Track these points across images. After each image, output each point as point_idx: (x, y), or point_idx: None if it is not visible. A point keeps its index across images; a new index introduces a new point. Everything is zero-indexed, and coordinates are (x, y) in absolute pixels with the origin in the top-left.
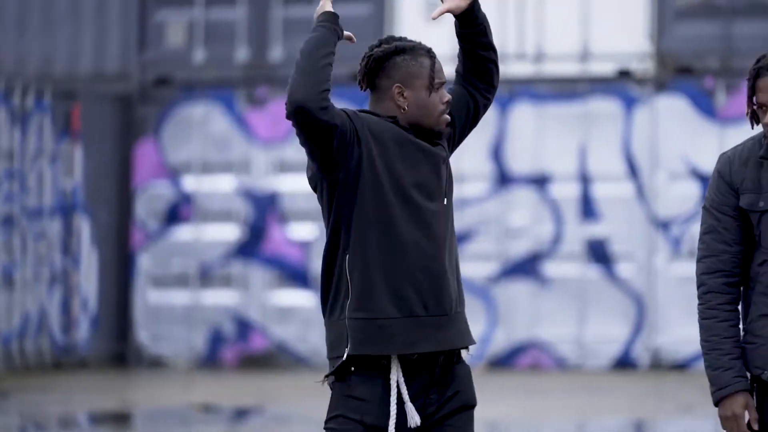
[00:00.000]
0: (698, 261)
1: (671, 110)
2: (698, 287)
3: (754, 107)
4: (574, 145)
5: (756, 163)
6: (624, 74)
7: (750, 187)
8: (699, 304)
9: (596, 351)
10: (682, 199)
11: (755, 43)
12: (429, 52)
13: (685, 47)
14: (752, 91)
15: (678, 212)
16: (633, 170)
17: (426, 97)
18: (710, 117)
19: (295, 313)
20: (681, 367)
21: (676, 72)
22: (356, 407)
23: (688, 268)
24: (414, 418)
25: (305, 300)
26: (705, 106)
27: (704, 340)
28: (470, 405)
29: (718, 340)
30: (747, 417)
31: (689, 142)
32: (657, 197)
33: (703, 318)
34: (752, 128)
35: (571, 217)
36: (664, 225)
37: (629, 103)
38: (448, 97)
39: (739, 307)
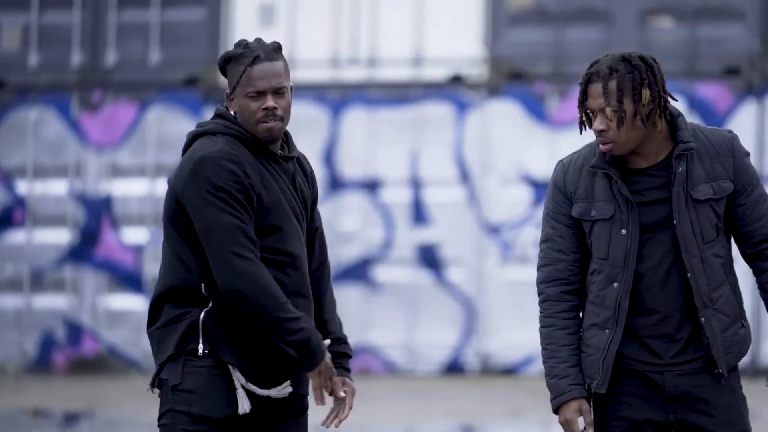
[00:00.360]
0: (537, 269)
1: (503, 115)
2: (538, 296)
3: (587, 112)
4: (406, 150)
5: (589, 171)
6: (456, 79)
7: (583, 196)
8: (539, 313)
9: (426, 356)
10: (513, 204)
11: (586, 48)
12: (254, 60)
13: (517, 52)
14: (584, 96)
15: (509, 217)
16: (464, 175)
17: (244, 105)
18: (542, 122)
19: (127, 317)
20: (510, 371)
21: (509, 77)
22: (183, 399)
23: (519, 273)
24: (243, 406)
25: (137, 304)
26: (537, 111)
27: (543, 349)
28: (305, 409)
29: (555, 348)
30: (582, 424)
31: (521, 147)
32: (488, 202)
33: (542, 326)
34: (580, 133)
35: (402, 222)
36: (494, 230)
37: (461, 108)
38: (270, 104)
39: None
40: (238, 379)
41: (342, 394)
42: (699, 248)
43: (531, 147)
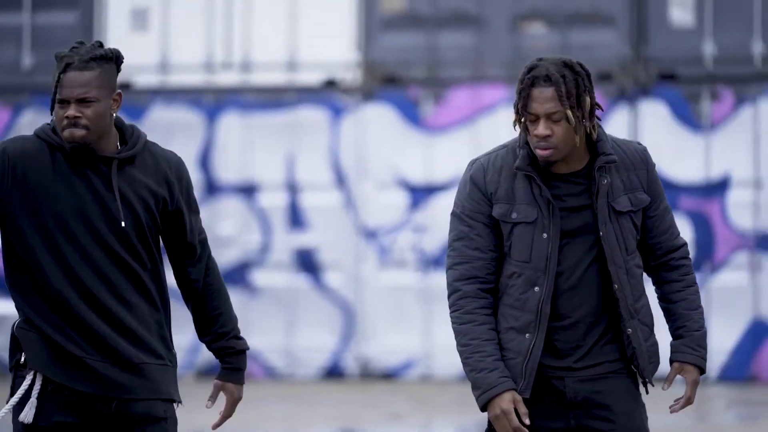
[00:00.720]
0: (450, 268)
1: (378, 120)
2: (451, 294)
3: (527, 115)
4: (282, 154)
5: (510, 173)
6: (331, 84)
7: (503, 197)
8: (454, 311)
9: (306, 360)
10: (389, 208)
11: (460, 53)
12: (66, 67)
13: (391, 57)
14: (525, 101)
15: (385, 221)
16: (341, 179)
17: (55, 110)
18: (417, 126)
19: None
20: (390, 376)
21: (383, 82)
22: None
23: (396, 278)
24: (27, 416)
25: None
26: (411, 115)
27: (463, 345)
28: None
29: (478, 342)
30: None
31: (396, 152)
32: (365, 206)
33: (460, 323)
34: (516, 131)
35: (280, 227)
36: (371, 234)
37: (337, 112)
38: (71, 113)
39: None
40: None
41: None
42: (624, 259)
43: (406, 151)
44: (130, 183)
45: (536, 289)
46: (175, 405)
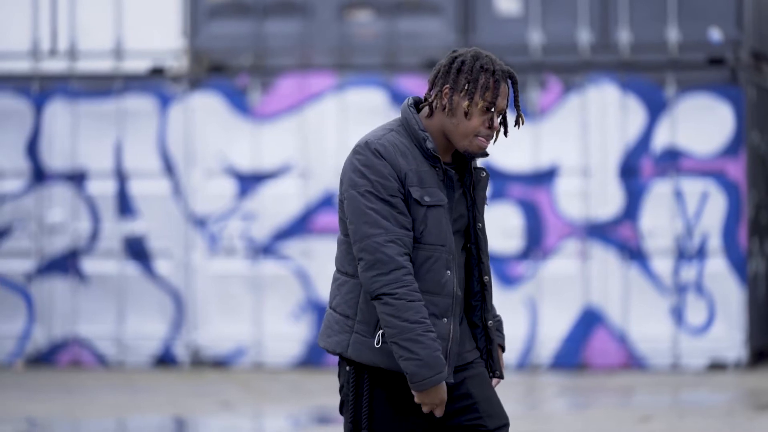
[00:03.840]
0: (382, 245)
1: (206, 108)
2: (393, 269)
3: (493, 108)
4: (110, 142)
5: (412, 156)
6: (158, 71)
7: (414, 181)
8: (400, 287)
9: (136, 348)
10: (217, 196)
11: (286, 41)
12: None
13: (218, 45)
14: (495, 93)
15: (214, 209)
16: (169, 167)
17: None
18: (244, 114)
19: None
20: (220, 364)
21: (210, 70)
22: None
23: (225, 265)
24: None
25: None
26: (239, 103)
27: (416, 322)
28: None
29: (430, 323)
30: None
31: (224, 140)
32: (193, 194)
33: (410, 300)
34: (430, 116)
35: (109, 214)
36: (200, 222)
37: (164, 100)
38: None
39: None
40: None
41: None
42: (488, 253)
43: (234, 139)
44: None
45: (449, 272)
46: None
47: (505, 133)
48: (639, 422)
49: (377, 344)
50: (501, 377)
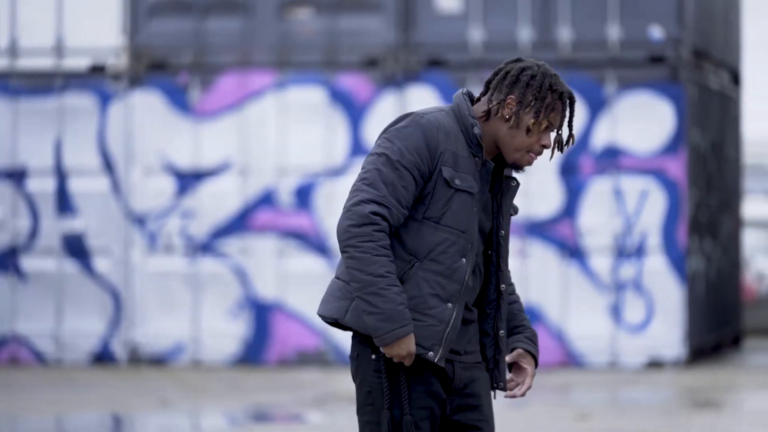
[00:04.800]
0: (364, 201)
1: (146, 106)
2: (365, 224)
3: (549, 124)
4: (50, 139)
5: (455, 139)
6: (99, 69)
7: (450, 162)
8: (367, 240)
9: (75, 346)
10: (157, 194)
11: (227, 39)
12: None
13: (158, 43)
14: (553, 110)
15: (153, 207)
16: (109, 165)
17: None
18: (184, 112)
19: None
20: (159, 361)
21: (150, 67)
22: None
23: (164, 263)
24: None
25: None
26: (179, 101)
27: (380, 276)
28: None
29: (394, 277)
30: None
31: (164, 138)
32: (133, 192)
33: (376, 255)
34: (486, 120)
35: (48, 212)
36: (140, 220)
37: (104, 98)
38: None
39: None
40: None
41: None
42: (508, 262)
43: (174, 137)
44: None
45: (464, 260)
46: None
47: (561, 150)
48: (577, 420)
49: None
50: (504, 389)
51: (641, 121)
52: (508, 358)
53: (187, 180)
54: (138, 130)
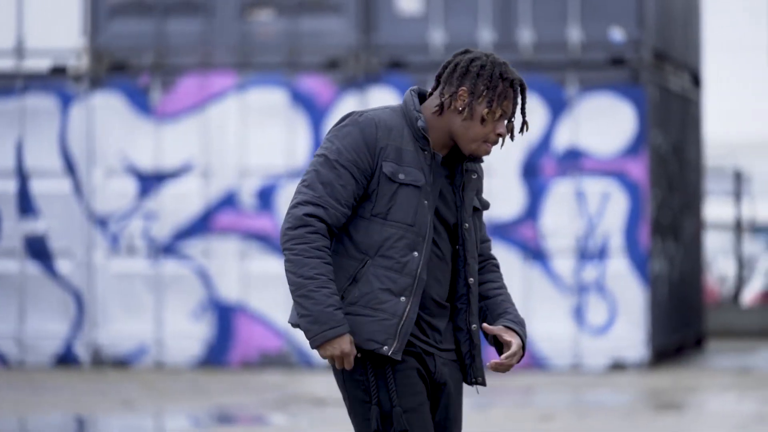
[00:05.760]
0: (302, 203)
1: (107, 107)
2: (299, 226)
3: (502, 113)
4: (11, 141)
5: (399, 134)
6: (59, 71)
7: (392, 157)
8: (299, 243)
9: (37, 347)
10: (119, 195)
11: (188, 40)
12: None
13: (119, 44)
14: (506, 97)
15: (115, 208)
16: (70, 167)
17: None
18: (146, 113)
19: None
20: (121, 363)
21: (111, 69)
22: None
23: (126, 265)
24: None
25: None
26: (140, 102)
27: (309, 278)
28: None
29: (326, 279)
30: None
31: (125, 139)
32: (94, 194)
33: (307, 256)
34: (440, 114)
35: (9, 213)
36: (101, 221)
37: (65, 99)
38: None
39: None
40: None
41: None
42: (476, 256)
43: (135, 139)
44: None
45: (415, 254)
46: None
47: (512, 137)
48: (540, 422)
49: None
50: (483, 384)
51: (603, 123)
52: (490, 329)
53: (149, 181)
54: (99, 131)
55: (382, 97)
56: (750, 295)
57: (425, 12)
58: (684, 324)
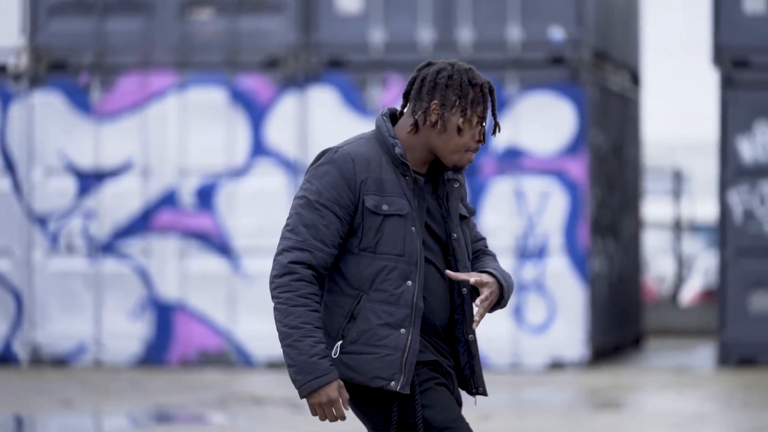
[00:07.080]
0: (287, 249)
1: (46, 106)
2: (284, 274)
3: (479, 120)
4: None
5: (377, 164)
6: None
7: (374, 189)
8: (285, 291)
9: None
10: (58, 194)
11: (128, 39)
12: None
13: (59, 43)
14: (483, 106)
15: (54, 207)
16: (9, 165)
17: None
18: (85, 112)
19: None
20: (60, 362)
21: (51, 67)
22: None
23: (65, 264)
24: None
25: None
26: (80, 101)
27: (294, 327)
28: None
29: (312, 328)
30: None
31: (65, 138)
32: (33, 192)
33: (292, 305)
34: (416, 132)
35: None
36: (41, 220)
37: (5, 98)
38: None
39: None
40: None
41: None
42: (467, 265)
43: (75, 138)
44: None
45: (409, 283)
46: None
47: (483, 141)
48: (478, 421)
49: (335, 354)
50: (485, 394)
51: (542, 122)
52: (453, 276)
53: (89, 180)
54: (39, 130)
55: (322, 96)
56: (688, 294)
57: (365, 11)
58: (623, 323)
